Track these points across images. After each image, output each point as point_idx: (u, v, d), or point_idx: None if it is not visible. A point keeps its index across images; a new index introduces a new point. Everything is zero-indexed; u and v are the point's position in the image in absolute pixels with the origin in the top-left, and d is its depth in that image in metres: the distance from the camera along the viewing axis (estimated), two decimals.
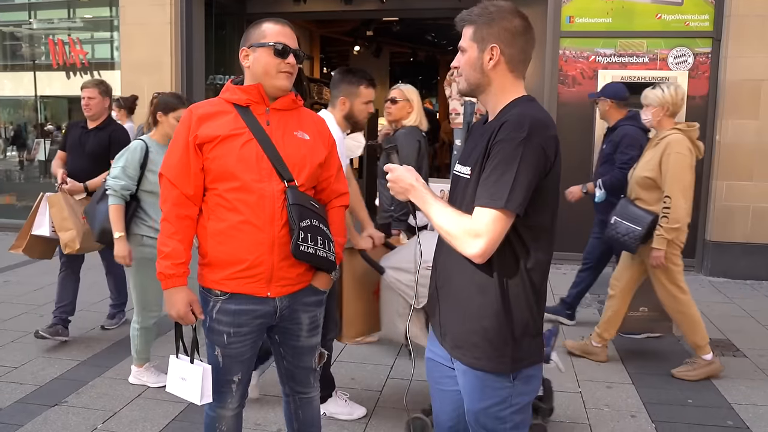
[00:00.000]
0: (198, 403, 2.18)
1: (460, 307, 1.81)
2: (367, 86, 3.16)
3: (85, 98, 4.37)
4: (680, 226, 3.71)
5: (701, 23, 6.61)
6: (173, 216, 2.13)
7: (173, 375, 2.24)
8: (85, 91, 4.40)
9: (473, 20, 1.79)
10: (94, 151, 4.35)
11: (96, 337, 4.54)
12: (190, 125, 2.12)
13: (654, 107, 3.88)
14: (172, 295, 2.13)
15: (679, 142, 3.74)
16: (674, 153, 3.71)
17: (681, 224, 3.71)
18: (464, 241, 1.68)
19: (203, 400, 2.19)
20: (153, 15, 7.58)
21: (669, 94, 3.84)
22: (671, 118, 3.89)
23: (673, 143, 3.74)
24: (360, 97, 3.15)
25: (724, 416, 3.47)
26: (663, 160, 3.73)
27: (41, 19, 9.07)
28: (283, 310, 2.22)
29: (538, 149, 1.65)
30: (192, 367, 2.20)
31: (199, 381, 2.16)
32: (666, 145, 3.76)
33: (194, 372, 2.18)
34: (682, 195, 3.69)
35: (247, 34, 2.18)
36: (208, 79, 8.66)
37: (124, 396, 3.59)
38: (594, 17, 6.79)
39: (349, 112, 3.15)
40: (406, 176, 1.84)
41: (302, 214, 2.11)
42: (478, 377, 1.79)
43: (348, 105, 3.14)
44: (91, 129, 4.41)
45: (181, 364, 2.23)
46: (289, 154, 2.15)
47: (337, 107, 3.16)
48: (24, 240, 4.32)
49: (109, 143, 4.35)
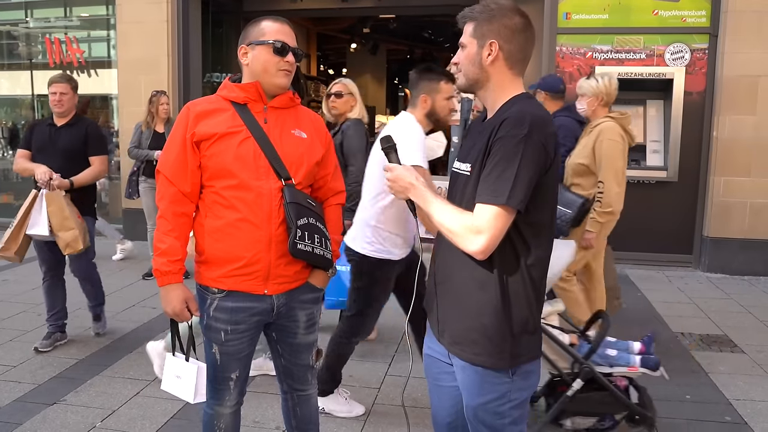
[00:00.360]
0: (191, 401, 2.19)
1: (459, 303, 1.81)
2: (447, 81, 3.11)
3: (57, 93, 4.11)
4: (613, 210, 3.82)
5: (698, 19, 6.61)
6: (170, 213, 2.13)
7: (169, 373, 2.25)
8: (56, 86, 4.14)
9: (474, 17, 1.80)
10: (68, 149, 4.13)
11: (93, 335, 4.53)
12: (188, 122, 2.12)
13: (588, 97, 4.02)
14: (168, 292, 2.13)
15: (612, 129, 3.85)
16: (607, 140, 3.82)
17: (614, 208, 3.83)
18: (466, 237, 1.68)
19: (196, 399, 2.19)
20: (150, 13, 7.56)
21: (603, 84, 3.97)
22: (605, 108, 4.03)
23: (605, 130, 3.85)
24: (441, 93, 3.11)
25: (722, 412, 3.48)
26: (596, 146, 3.86)
27: (38, 18, 9.04)
28: (281, 307, 2.22)
29: (538, 146, 1.65)
30: (187, 366, 2.20)
31: (193, 379, 2.17)
32: (599, 132, 3.88)
33: (189, 370, 2.19)
34: (615, 180, 3.80)
35: (246, 31, 2.18)
36: (205, 77, 8.65)
37: (122, 394, 3.60)
38: (591, 13, 6.78)
39: (431, 110, 3.11)
40: (406, 175, 1.84)
41: (299, 213, 2.11)
42: (477, 373, 1.80)
43: (430, 102, 3.10)
44: (62, 126, 4.16)
45: (177, 362, 2.23)
46: (287, 153, 2.15)
47: (418, 106, 3.12)
48: (16, 242, 4.06)
49: (86, 139, 4.19)
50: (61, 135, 4.15)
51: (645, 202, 6.68)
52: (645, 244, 6.77)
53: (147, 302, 5.35)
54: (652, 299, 5.61)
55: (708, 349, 4.43)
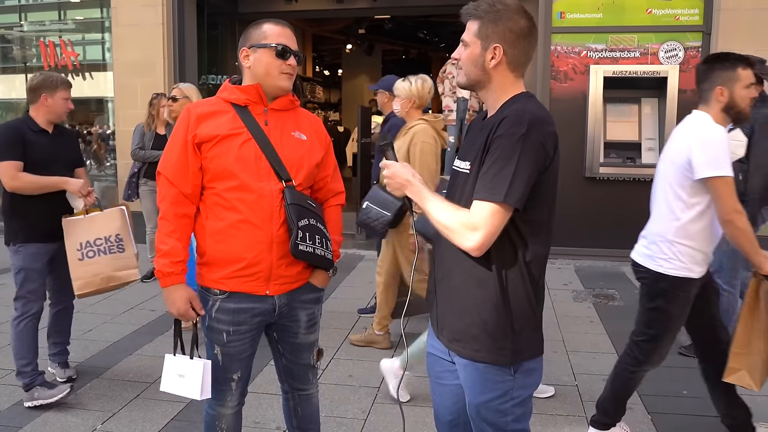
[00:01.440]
0: (198, 398, 2.19)
1: (459, 300, 1.82)
2: (745, 67, 2.82)
3: (68, 99, 3.60)
4: None
5: (691, 17, 6.64)
6: (171, 214, 2.15)
7: (169, 373, 2.25)
8: (68, 91, 3.61)
9: (479, 15, 1.78)
10: (69, 159, 3.66)
11: (93, 338, 4.54)
12: (189, 124, 2.13)
13: (402, 99, 4.13)
14: (172, 293, 2.14)
15: (425, 131, 3.98)
16: (420, 142, 3.93)
17: None
18: (461, 234, 1.69)
19: (203, 396, 2.20)
20: (145, 16, 7.57)
21: (416, 87, 4.09)
22: (418, 110, 4.16)
23: (419, 133, 3.95)
24: (740, 81, 2.79)
25: None
26: (411, 149, 3.95)
27: (32, 21, 9.03)
28: (282, 307, 2.24)
29: (537, 145, 1.66)
30: (192, 363, 2.21)
31: (199, 376, 2.18)
32: (413, 134, 3.98)
33: (194, 367, 2.19)
34: (429, 181, 3.87)
35: (247, 34, 2.19)
36: (201, 79, 8.65)
37: (122, 397, 3.60)
38: (585, 12, 6.82)
39: (729, 102, 2.78)
40: (402, 172, 1.85)
41: (300, 214, 2.13)
42: (479, 370, 1.81)
43: (727, 94, 2.77)
44: (54, 134, 3.60)
45: (179, 361, 2.24)
46: (287, 154, 2.17)
47: (712, 102, 2.80)
48: None
49: (77, 148, 3.83)
50: (58, 144, 3.60)
51: (640, 199, 6.61)
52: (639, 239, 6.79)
53: (146, 304, 5.36)
54: None
55: None
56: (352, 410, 3.46)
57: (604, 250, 6.57)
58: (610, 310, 5.25)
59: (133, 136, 6.06)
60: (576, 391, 3.69)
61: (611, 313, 5.14)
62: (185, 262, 2.17)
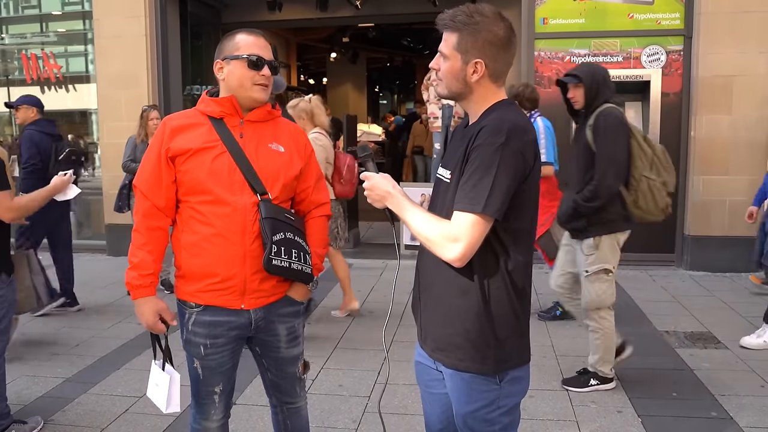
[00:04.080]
0: (163, 411, 2.21)
1: (442, 309, 1.82)
2: None
3: None
4: None
5: (672, 21, 6.71)
6: (144, 227, 2.15)
7: (151, 381, 2.28)
8: None
9: (457, 27, 1.73)
10: None
11: (80, 353, 4.49)
12: (164, 137, 2.13)
13: None
14: (141, 306, 2.14)
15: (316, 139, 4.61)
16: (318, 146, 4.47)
17: None
18: (443, 245, 1.69)
19: (168, 409, 2.21)
20: (128, 27, 7.53)
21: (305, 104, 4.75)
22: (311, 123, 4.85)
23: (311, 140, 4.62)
24: None
25: (708, 408, 3.53)
26: None
27: (13, 34, 8.96)
28: (259, 321, 2.22)
29: (516, 154, 1.66)
30: (162, 374, 2.23)
31: (165, 388, 2.19)
32: None
33: (163, 379, 2.21)
34: None
35: (221, 46, 2.17)
36: (186, 89, 8.62)
37: (111, 412, 3.56)
38: (567, 18, 6.87)
39: None
40: (383, 183, 1.84)
41: (275, 228, 2.10)
42: (465, 380, 1.80)
43: None
44: None
45: (156, 370, 2.26)
46: (263, 167, 2.14)
47: None
48: None
49: None
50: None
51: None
52: (628, 245, 6.79)
53: (134, 318, 5.25)
54: (637, 298, 5.68)
55: (693, 346, 4.48)
56: (343, 420, 3.45)
57: None
58: None
59: (125, 148, 6.01)
60: (566, 396, 3.69)
61: None
62: (156, 274, 2.17)
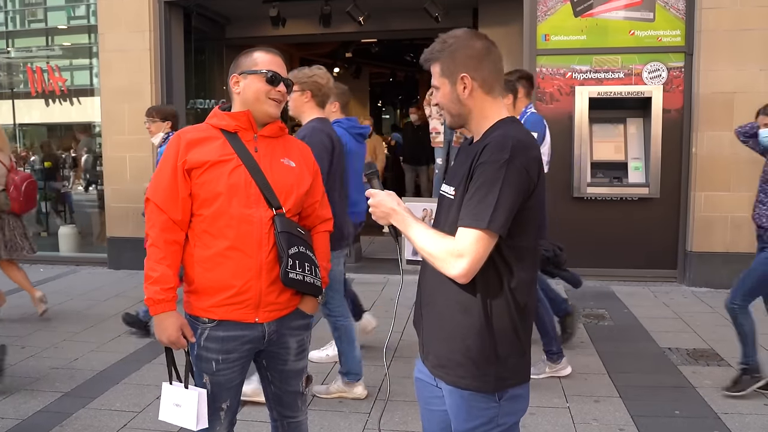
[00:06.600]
0: (194, 428, 2.16)
1: (443, 326, 1.82)
2: None
3: None
4: None
5: (673, 38, 6.74)
6: (161, 241, 2.13)
7: (166, 402, 2.22)
8: None
9: (436, 57, 1.82)
10: None
11: (78, 367, 4.47)
12: (179, 150, 2.13)
13: None
14: (163, 321, 2.12)
15: None
16: None
17: None
18: (447, 261, 1.69)
19: (199, 425, 2.17)
20: (132, 42, 7.58)
21: None
22: None
23: None
24: None
25: (710, 426, 3.50)
26: None
27: (19, 48, 9.04)
28: (271, 334, 2.23)
29: (521, 171, 1.67)
30: (187, 392, 2.18)
31: (194, 406, 2.15)
32: None
33: (190, 397, 2.16)
34: None
35: (238, 61, 2.22)
36: (189, 103, 8.66)
37: (108, 427, 3.54)
38: (569, 35, 6.90)
39: None
40: (387, 201, 1.86)
41: (290, 242, 2.13)
42: (464, 397, 1.79)
43: None
44: None
45: (175, 390, 2.20)
46: (277, 181, 2.17)
47: None
48: None
49: None
50: None
51: (628, 218, 6.75)
52: (629, 261, 6.83)
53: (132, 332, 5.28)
54: (639, 315, 5.65)
55: (695, 363, 4.46)
56: None
57: (593, 270, 6.58)
58: (601, 330, 5.25)
59: None
60: (568, 413, 3.67)
61: (602, 334, 5.13)
62: (176, 288, 2.15)
